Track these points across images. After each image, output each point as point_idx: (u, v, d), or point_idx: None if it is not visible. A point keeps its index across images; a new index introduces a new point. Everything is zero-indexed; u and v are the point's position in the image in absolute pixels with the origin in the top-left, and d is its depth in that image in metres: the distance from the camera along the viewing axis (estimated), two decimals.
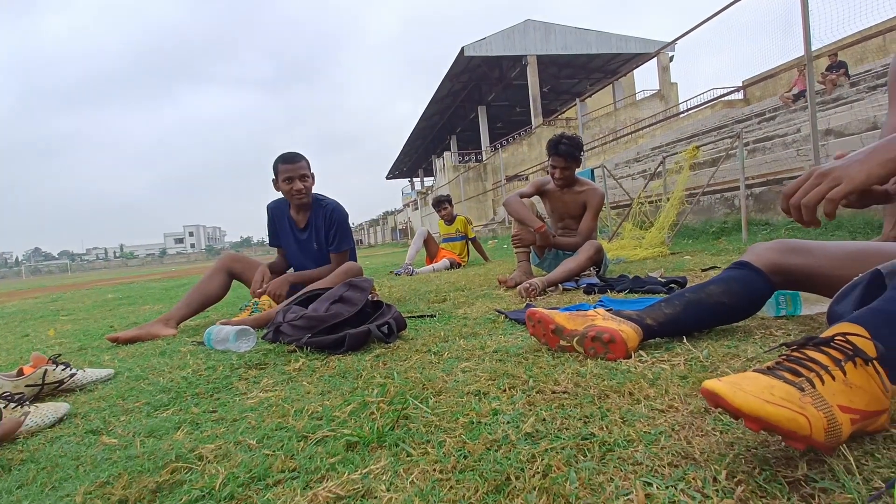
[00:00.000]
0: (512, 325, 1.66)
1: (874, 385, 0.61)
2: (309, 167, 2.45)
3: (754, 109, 11.00)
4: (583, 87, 24.05)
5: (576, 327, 1.19)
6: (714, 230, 4.90)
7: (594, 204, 2.82)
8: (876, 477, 0.56)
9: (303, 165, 2.41)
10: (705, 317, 1.22)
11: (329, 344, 1.49)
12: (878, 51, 10.08)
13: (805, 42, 4.05)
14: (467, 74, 22.79)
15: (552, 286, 2.38)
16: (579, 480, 0.60)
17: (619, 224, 5.31)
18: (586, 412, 0.81)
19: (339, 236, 2.48)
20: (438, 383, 1.05)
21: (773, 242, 1.20)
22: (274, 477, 0.69)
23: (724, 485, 0.57)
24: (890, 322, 0.65)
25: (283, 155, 2.43)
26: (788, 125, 7.09)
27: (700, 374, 0.96)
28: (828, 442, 0.56)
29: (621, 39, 21.16)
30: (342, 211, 2.52)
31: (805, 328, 1.26)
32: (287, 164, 2.39)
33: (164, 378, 1.35)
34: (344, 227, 2.51)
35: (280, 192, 2.46)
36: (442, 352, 1.35)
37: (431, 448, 0.73)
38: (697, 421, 0.74)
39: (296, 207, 2.50)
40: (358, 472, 0.68)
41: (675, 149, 7.89)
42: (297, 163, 2.40)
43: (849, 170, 0.71)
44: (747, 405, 0.54)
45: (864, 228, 3.49)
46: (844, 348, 0.61)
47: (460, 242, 5.20)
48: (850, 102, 6.90)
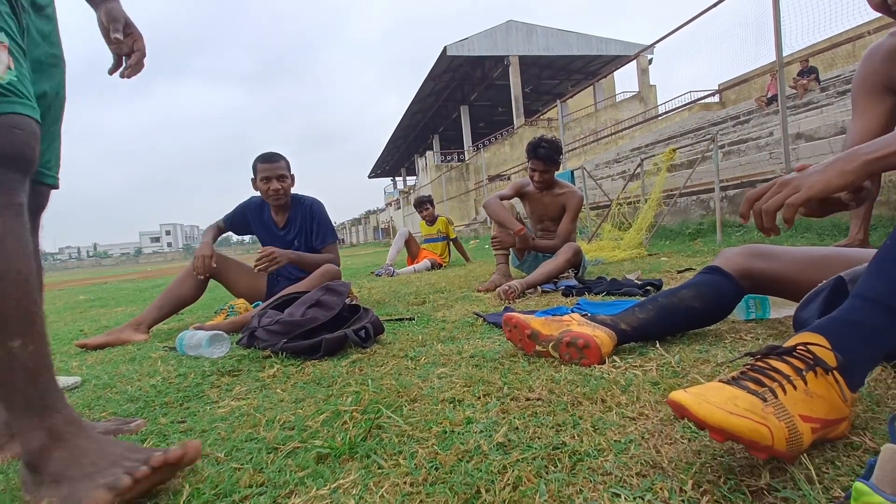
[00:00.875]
0: (489, 328, 1.66)
1: (834, 394, 0.63)
2: (288, 168, 2.43)
3: (730, 112, 11.26)
4: (564, 88, 24.29)
5: (551, 332, 1.19)
6: (690, 231, 4.99)
7: (573, 206, 2.84)
8: (836, 485, 0.57)
9: (281, 165, 2.39)
10: (678, 321, 1.23)
11: (305, 349, 1.47)
12: (847, 57, 10.41)
13: (777, 48, 4.16)
14: (450, 74, 22.81)
15: (531, 288, 2.40)
16: (549, 493, 0.60)
17: (599, 225, 5.37)
18: (559, 420, 0.82)
19: (322, 231, 2.48)
20: (413, 391, 1.04)
21: (742, 248, 1.22)
22: (241, 493, 0.68)
23: (689, 495, 0.57)
24: (849, 332, 0.67)
25: (263, 154, 2.41)
26: (762, 128, 7.26)
27: (671, 379, 0.97)
28: (789, 451, 0.57)
29: (602, 41, 21.42)
30: (321, 205, 2.53)
31: (773, 332, 1.29)
32: (265, 164, 2.37)
33: (132, 386, 1.32)
34: (325, 219, 2.51)
35: (258, 191, 2.43)
36: (419, 357, 1.34)
37: (403, 459, 0.73)
38: (667, 429, 0.75)
39: (274, 208, 2.48)
40: (327, 486, 0.67)
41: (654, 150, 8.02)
42: (276, 162, 2.38)
43: (808, 179, 0.74)
44: (711, 417, 0.55)
45: (832, 231, 3.60)
46: (806, 358, 0.63)
47: (441, 243, 5.20)
48: (820, 107, 7.11)
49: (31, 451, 0.70)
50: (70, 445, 0.71)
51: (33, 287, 0.73)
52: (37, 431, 0.70)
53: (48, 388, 0.73)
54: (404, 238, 5.08)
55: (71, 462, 0.69)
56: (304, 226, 2.49)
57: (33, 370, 0.71)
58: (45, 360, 0.73)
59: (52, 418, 0.72)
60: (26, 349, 0.70)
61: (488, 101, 26.13)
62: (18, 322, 0.70)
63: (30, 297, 0.72)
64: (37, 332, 0.72)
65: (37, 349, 0.71)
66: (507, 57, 20.56)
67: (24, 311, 0.71)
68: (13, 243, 0.71)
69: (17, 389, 0.70)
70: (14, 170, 0.73)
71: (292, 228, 2.50)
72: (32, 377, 0.71)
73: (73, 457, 0.70)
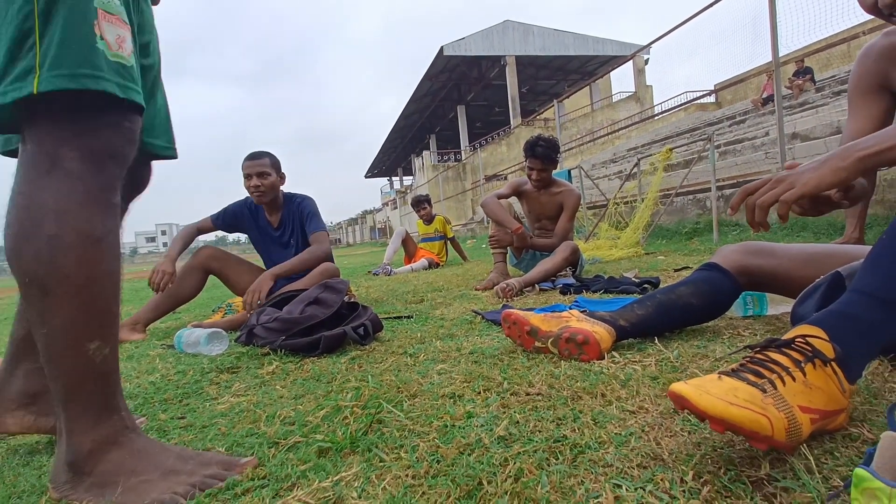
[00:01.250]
0: (488, 326, 1.66)
1: (832, 385, 0.63)
2: (274, 165, 2.41)
3: (726, 112, 11.30)
4: (561, 89, 24.32)
5: (550, 329, 1.20)
6: (687, 231, 5.01)
7: (570, 205, 2.85)
8: (835, 475, 0.58)
9: (264, 163, 2.38)
10: (676, 317, 1.24)
11: (304, 346, 1.47)
12: (842, 57, 10.47)
13: (773, 48, 4.18)
14: (446, 74, 22.81)
15: (529, 287, 2.40)
16: (550, 484, 0.61)
17: (596, 224, 5.38)
18: (559, 414, 0.82)
19: (309, 220, 2.45)
20: (413, 386, 1.04)
21: (740, 245, 1.23)
22: (243, 486, 0.68)
23: (690, 485, 0.58)
24: (846, 324, 0.67)
25: (249, 153, 2.43)
26: (757, 128, 7.30)
27: (670, 374, 0.98)
28: (789, 441, 0.58)
29: (598, 42, 21.47)
30: (310, 199, 2.52)
31: (771, 328, 1.30)
32: (248, 161, 2.38)
33: (130, 384, 1.31)
34: (313, 210, 2.49)
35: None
36: (418, 353, 1.34)
37: (404, 453, 0.73)
38: (667, 422, 0.76)
39: (267, 209, 2.48)
40: (329, 479, 0.67)
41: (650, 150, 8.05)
42: (258, 160, 2.38)
43: (803, 175, 0.75)
44: (712, 407, 0.55)
45: (828, 230, 3.62)
46: (804, 350, 0.63)
47: (439, 242, 5.20)
48: (815, 107, 7.14)
49: (81, 452, 0.68)
50: (125, 451, 0.70)
51: (119, 288, 0.72)
52: (91, 434, 0.68)
53: (114, 391, 0.72)
54: (401, 237, 5.08)
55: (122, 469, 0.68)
56: (297, 223, 2.49)
57: (105, 373, 0.69)
58: (115, 362, 0.72)
59: (111, 422, 0.70)
60: (102, 351, 0.68)
61: (485, 101, 26.15)
62: (101, 323, 0.69)
63: (116, 299, 0.71)
64: (113, 334, 0.71)
65: (111, 351, 0.70)
66: (503, 57, 20.58)
67: (109, 313, 0.70)
68: (111, 245, 0.70)
69: (83, 391, 0.68)
70: (116, 164, 0.71)
71: (287, 228, 2.50)
72: (102, 380, 0.69)
73: (126, 463, 0.69)
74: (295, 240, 2.48)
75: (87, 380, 0.68)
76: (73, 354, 0.66)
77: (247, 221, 2.53)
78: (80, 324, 0.66)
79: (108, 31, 0.67)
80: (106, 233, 0.69)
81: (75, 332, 0.66)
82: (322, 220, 2.52)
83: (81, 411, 0.68)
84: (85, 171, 0.67)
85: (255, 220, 2.52)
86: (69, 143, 0.66)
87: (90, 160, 0.67)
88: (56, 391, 0.68)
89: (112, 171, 0.70)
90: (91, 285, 0.67)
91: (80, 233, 0.66)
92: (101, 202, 0.68)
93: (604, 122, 18.57)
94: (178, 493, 0.66)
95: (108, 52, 0.67)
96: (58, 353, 0.67)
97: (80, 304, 0.66)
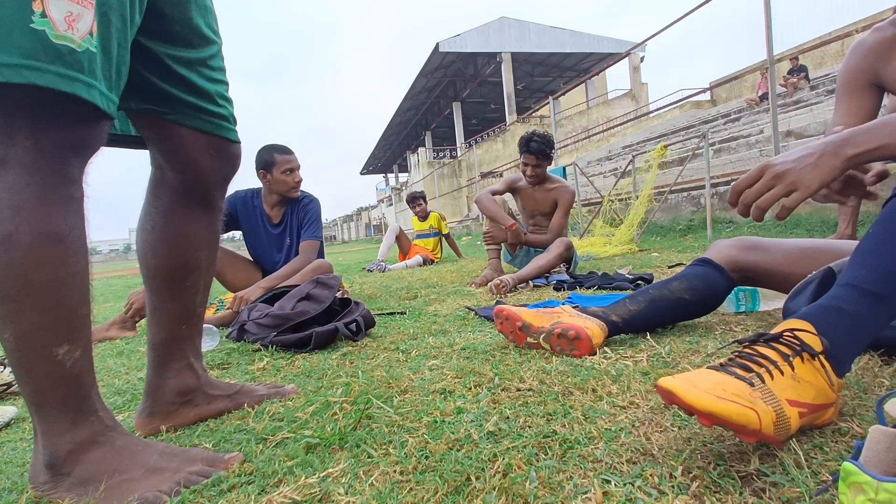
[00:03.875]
0: (481, 321, 1.66)
1: (821, 379, 0.63)
2: None
3: (720, 110, 11.33)
4: (556, 86, 24.32)
5: (542, 324, 1.19)
6: (681, 228, 5.02)
7: (565, 201, 2.85)
8: (824, 470, 0.57)
9: (296, 157, 2.47)
10: (668, 313, 1.24)
11: (295, 342, 1.46)
12: (836, 55, 10.51)
13: (767, 46, 4.18)
14: (442, 70, 22.75)
15: (523, 283, 2.40)
16: (539, 479, 0.60)
17: (590, 221, 5.39)
18: (549, 410, 0.82)
19: (308, 226, 2.47)
20: (404, 382, 1.04)
21: (733, 240, 1.23)
22: (228, 482, 0.67)
23: (679, 481, 0.57)
24: (834, 318, 0.67)
25: (278, 146, 2.45)
26: (752, 126, 7.32)
27: (662, 370, 0.97)
28: (777, 435, 0.58)
29: (594, 39, 21.47)
30: (317, 202, 2.55)
31: (763, 324, 1.30)
32: (287, 155, 2.43)
33: (119, 380, 1.30)
34: (315, 217, 2.50)
35: (271, 182, 2.41)
36: (410, 349, 1.33)
37: (393, 448, 0.72)
38: (657, 417, 0.75)
39: (281, 200, 2.47)
40: (316, 475, 0.66)
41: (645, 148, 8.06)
42: (292, 154, 2.45)
43: (802, 176, 0.72)
44: (700, 402, 0.55)
45: (821, 227, 3.64)
46: (792, 344, 0.63)
47: (434, 239, 5.19)
48: (809, 105, 7.17)
49: (59, 454, 0.65)
50: (105, 450, 0.68)
51: (88, 288, 0.66)
52: (68, 436, 0.66)
53: (88, 393, 0.68)
54: (395, 234, 5.07)
55: (103, 468, 0.66)
56: (297, 222, 2.48)
57: (77, 376, 0.65)
58: (88, 364, 0.68)
59: (88, 423, 0.67)
60: (72, 355, 0.64)
61: (481, 97, 26.11)
62: (70, 327, 0.64)
63: (85, 300, 0.66)
64: (84, 336, 0.66)
65: (83, 353, 0.66)
66: (499, 54, 20.54)
67: (77, 315, 0.65)
68: (74, 243, 0.64)
69: (55, 396, 0.65)
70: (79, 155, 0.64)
71: (287, 225, 2.49)
72: (74, 383, 0.65)
73: (108, 461, 0.67)
74: (291, 238, 2.48)
75: (59, 385, 0.64)
76: (41, 360, 0.62)
77: (242, 216, 2.51)
78: (47, 328, 0.62)
79: (53, 6, 0.56)
80: (68, 230, 0.62)
81: (41, 337, 0.62)
82: (320, 229, 2.53)
83: (56, 417, 0.65)
84: (43, 163, 0.60)
85: (251, 212, 2.51)
86: (22, 133, 0.59)
87: (48, 151, 0.60)
88: (26, 396, 0.65)
89: (74, 163, 0.63)
90: (55, 288, 0.61)
91: (39, 231, 0.60)
92: (61, 197, 0.62)
93: (599, 119, 18.59)
94: (162, 490, 0.65)
95: (52, 33, 0.56)
96: (25, 359, 0.62)
97: (44, 309, 0.61)
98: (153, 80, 0.78)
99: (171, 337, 0.90)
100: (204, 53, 0.83)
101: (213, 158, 0.87)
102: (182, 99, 0.81)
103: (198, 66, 0.82)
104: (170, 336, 0.90)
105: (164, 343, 0.90)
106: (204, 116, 0.84)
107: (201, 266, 0.91)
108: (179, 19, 0.77)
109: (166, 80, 0.79)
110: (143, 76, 0.77)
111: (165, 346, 0.90)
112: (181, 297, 0.90)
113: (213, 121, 0.86)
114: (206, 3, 0.82)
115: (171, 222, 0.87)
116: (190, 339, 0.92)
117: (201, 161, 0.86)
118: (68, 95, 0.58)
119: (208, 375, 0.97)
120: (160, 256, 0.87)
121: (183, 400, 0.91)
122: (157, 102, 0.80)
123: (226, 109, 0.88)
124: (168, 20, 0.76)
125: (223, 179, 0.92)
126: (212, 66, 0.85)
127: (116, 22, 0.63)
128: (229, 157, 0.91)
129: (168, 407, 0.90)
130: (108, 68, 0.63)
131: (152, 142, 0.85)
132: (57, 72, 0.57)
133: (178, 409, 0.91)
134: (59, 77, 0.57)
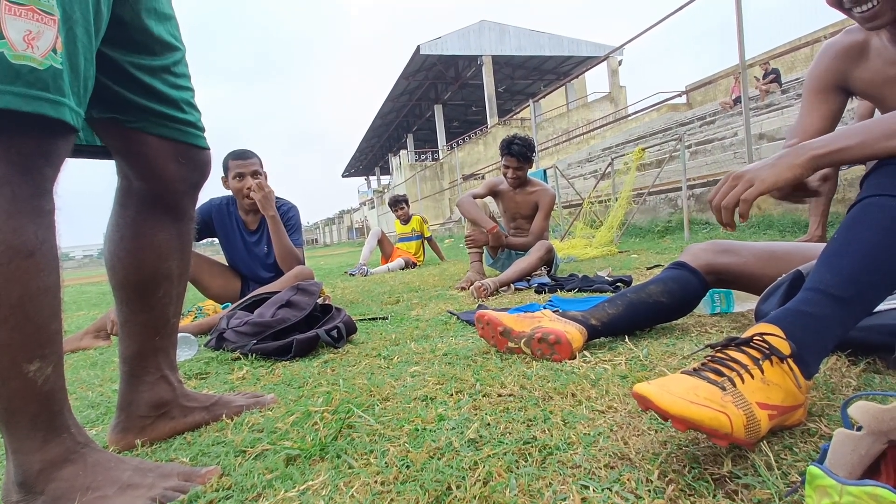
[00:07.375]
0: (463, 326, 1.66)
1: (789, 382, 0.65)
2: (261, 165, 2.39)
3: (696, 113, 11.57)
4: (537, 88, 24.54)
5: (523, 329, 1.20)
6: (659, 229, 5.11)
7: (546, 204, 2.88)
8: (793, 471, 0.59)
9: (255, 162, 2.36)
10: (646, 316, 1.26)
11: (275, 350, 1.45)
12: (806, 60, 10.83)
13: (740, 51, 4.29)
14: (423, 73, 22.77)
15: (504, 286, 2.41)
16: (519, 487, 0.61)
17: (571, 223, 5.45)
18: (530, 415, 0.82)
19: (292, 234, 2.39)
20: (386, 389, 1.03)
21: (707, 243, 1.26)
22: (206, 497, 0.66)
23: (655, 485, 0.59)
24: (802, 321, 0.69)
25: (234, 151, 2.37)
26: (726, 129, 7.49)
27: (640, 373, 0.99)
28: (748, 437, 0.59)
29: (573, 42, 21.73)
30: (295, 209, 2.49)
31: (737, 325, 1.33)
32: (238, 160, 2.33)
33: (93, 392, 1.27)
34: (296, 223, 2.45)
35: (229, 190, 2.38)
36: (392, 356, 1.33)
37: (374, 458, 0.72)
38: (634, 420, 0.77)
39: (245, 208, 2.42)
40: (296, 488, 0.66)
41: (624, 150, 8.19)
42: (249, 159, 2.35)
43: (760, 173, 0.78)
44: (674, 407, 0.56)
45: (793, 227, 3.74)
46: (762, 348, 0.65)
47: (416, 242, 5.19)
48: (781, 108, 7.37)
49: (31, 472, 0.64)
50: (78, 467, 0.66)
51: (59, 302, 0.65)
52: (39, 454, 0.64)
53: (60, 410, 0.66)
54: (377, 237, 5.05)
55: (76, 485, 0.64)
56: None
57: (48, 393, 0.64)
58: (60, 380, 0.66)
59: (59, 441, 0.66)
60: (44, 372, 0.62)
61: (462, 100, 26.20)
62: (40, 343, 0.62)
63: (56, 315, 0.64)
64: (55, 352, 0.64)
65: (55, 370, 0.64)
66: (480, 56, 20.65)
67: (48, 330, 0.63)
68: (45, 258, 0.61)
69: (25, 414, 0.63)
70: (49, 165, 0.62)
71: (264, 231, 2.44)
72: (45, 400, 0.64)
73: (81, 479, 0.65)
74: (269, 244, 2.44)
75: (30, 402, 0.63)
76: (11, 377, 0.60)
77: (217, 224, 2.46)
78: (17, 345, 0.60)
79: (10, 27, 0.54)
80: (39, 244, 0.61)
81: (11, 353, 0.60)
82: (301, 236, 2.47)
83: (26, 434, 0.64)
84: (11, 175, 0.58)
85: (226, 219, 2.46)
86: None
87: (16, 162, 0.58)
88: None
89: (44, 174, 0.61)
90: (24, 304, 0.59)
91: (8, 246, 0.58)
92: (32, 210, 0.60)
93: (579, 121, 18.83)
94: None
95: (10, 53, 0.54)
96: None
97: (14, 325, 0.59)
98: (115, 88, 0.77)
99: (143, 349, 0.88)
100: (167, 60, 0.81)
101: (181, 166, 0.86)
102: (146, 106, 0.80)
103: (161, 73, 0.81)
104: (142, 348, 0.88)
105: (136, 355, 0.88)
106: (170, 123, 0.83)
107: (173, 276, 0.89)
108: (138, 27, 0.76)
109: (129, 88, 0.78)
110: (104, 84, 0.75)
111: (138, 358, 0.88)
112: (153, 308, 0.88)
113: (180, 127, 0.84)
114: (165, 11, 0.81)
115: (140, 233, 0.86)
116: (164, 351, 0.91)
117: (168, 169, 0.85)
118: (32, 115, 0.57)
119: (184, 387, 0.95)
120: (129, 267, 0.85)
121: (158, 413, 0.89)
122: (120, 111, 0.79)
123: (192, 115, 0.87)
124: (128, 28, 0.75)
125: (192, 187, 0.90)
126: (176, 72, 0.83)
127: (82, 36, 0.62)
128: (198, 164, 0.89)
129: (142, 421, 0.88)
130: (76, 83, 0.62)
131: (118, 151, 0.84)
132: (18, 92, 0.55)
133: (152, 423, 0.89)
134: (20, 98, 0.55)
